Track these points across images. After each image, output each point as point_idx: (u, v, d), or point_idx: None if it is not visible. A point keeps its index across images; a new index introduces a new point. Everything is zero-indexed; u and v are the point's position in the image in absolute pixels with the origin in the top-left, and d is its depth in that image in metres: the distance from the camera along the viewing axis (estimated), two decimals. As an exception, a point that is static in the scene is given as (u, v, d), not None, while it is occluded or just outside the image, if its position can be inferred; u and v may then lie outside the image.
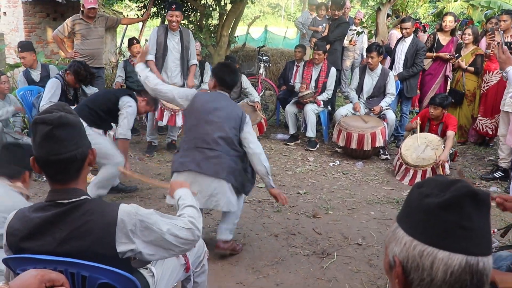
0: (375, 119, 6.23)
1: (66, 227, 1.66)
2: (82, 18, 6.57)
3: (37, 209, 1.71)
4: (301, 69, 6.94)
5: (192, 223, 1.89)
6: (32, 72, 6.04)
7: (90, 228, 1.66)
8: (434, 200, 1.02)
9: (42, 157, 1.67)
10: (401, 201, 4.83)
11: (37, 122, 1.66)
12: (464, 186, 1.02)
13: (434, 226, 1.01)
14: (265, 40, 15.09)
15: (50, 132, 1.63)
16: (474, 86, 6.74)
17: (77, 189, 1.73)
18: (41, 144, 1.65)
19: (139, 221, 1.73)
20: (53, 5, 9.42)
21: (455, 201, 1.00)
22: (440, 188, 1.05)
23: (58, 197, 1.70)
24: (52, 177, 1.72)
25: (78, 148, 1.69)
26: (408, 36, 6.72)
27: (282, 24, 38.68)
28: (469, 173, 5.76)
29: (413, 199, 1.08)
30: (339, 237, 4.04)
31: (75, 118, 1.73)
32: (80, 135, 1.73)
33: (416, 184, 1.12)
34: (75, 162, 1.69)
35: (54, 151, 1.65)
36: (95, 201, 1.75)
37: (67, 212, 1.67)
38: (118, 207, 1.72)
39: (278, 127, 7.79)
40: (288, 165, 5.93)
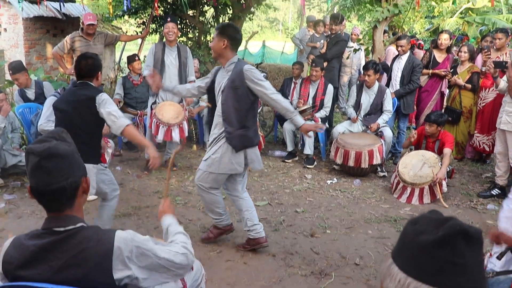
0: (372, 137, 6.27)
1: (63, 255, 1.67)
2: (81, 35, 6.63)
3: (33, 237, 1.72)
4: (298, 86, 6.99)
5: (186, 248, 1.94)
6: (26, 91, 6.07)
7: (86, 256, 1.67)
8: (427, 238, 1.04)
9: (33, 187, 1.69)
10: (398, 220, 4.85)
11: (28, 152, 1.69)
12: (456, 224, 1.04)
13: (427, 263, 1.03)
14: (263, 55, 15.21)
15: (38, 164, 1.65)
16: (470, 103, 6.79)
17: (73, 216, 1.74)
18: (32, 174, 1.68)
19: (135, 247, 1.75)
20: (53, 21, 9.49)
21: (447, 239, 1.02)
22: (433, 225, 1.07)
23: (54, 224, 1.71)
24: (45, 206, 1.74)
25: (68, 179, 1.70)
26: (404, 53, 6.78)
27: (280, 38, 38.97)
28: (466, 190, 5.78)
29: (408, 235, 1.10)
30: (336, 256, 4.04)
31: (66, 148, 1.73)
32: (71, 166, 1.73)
33: (411, 220, 1.14)
34: (65, 193, 1.70)
35: (43, 182, 1.67)
36: (91, 228, 1.76)
37: (63, 240, 1.68)
38: (114, 234, 1.74)
39: (276, 143, 7.82)
40: (286, 183, 5.94)
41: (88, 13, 6.79)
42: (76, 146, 2.01)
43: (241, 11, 7.86)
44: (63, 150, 1.71)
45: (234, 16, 8.45)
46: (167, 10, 9.05)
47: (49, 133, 1.79)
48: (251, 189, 5.67)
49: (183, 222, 4.61)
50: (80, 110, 3.51)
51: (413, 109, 7.08)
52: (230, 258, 3.94)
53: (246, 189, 5.50)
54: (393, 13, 7.27)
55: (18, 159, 5.71)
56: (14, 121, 6.03)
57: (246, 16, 8.76)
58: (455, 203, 5.40)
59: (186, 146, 7.27)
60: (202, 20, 9.31)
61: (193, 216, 4.81)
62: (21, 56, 9.11)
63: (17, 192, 5.35)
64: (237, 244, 4.16)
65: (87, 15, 6.64)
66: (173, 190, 5.53)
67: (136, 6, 9.27)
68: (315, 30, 8.42)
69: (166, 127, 5.90)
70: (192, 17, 8.98)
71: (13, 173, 5.77)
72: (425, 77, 7.04)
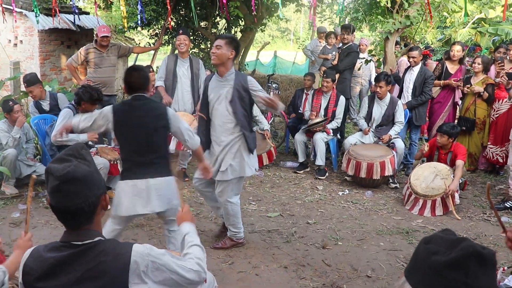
0: (384, 148, 6.26)
1: (81, 268, 1.70)
2: (95, 47, 6.72)
3: (52, 249, 1.75)
4: (310, 97, 7.02)
5: (199, 265, 1.95)
6: (42, 102, 6.15)
7: (104, 269, 1.70)
8: (440, 258, 1.05)
9: (52, 205, 1.73)
10: (411, 232, 4.83)
11: (48, 172, 1.72)
12: (469, 245, 1.05)
13: (440, 284, 1.04)
14: (275, 66, 15.26)
15: (57, 187, 1.69)
16: (484, 114, 6.76)
17: (91, 230, 1.77)
18: (51, 195, 1.72)
19: (151, 262, 1.77)
20: (67, 33, 9.64)
21: (461, 260, 1.03)
22: (447, 246, 1.08)
23: (72, 238, 1.74)
24: (64, 222, 1.77)
25: (86, 200, 1.72)
26: (416, 65, 6.77)
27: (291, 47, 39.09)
28: (479, 202, 5.74)
29: (421, 255, 1.11)
30: (348, 269, 4.04)
31: (86, 169, 1.75)
32: (90, 187, 1.74)
33: (424, 239, 1.16)
34: (83, 213, 1.73)
35: (62, 203, 1.71)
36: (109, 242, 1.79)
37: (81, 253, 1.71)
38: (131, 248, 1.76)
39: (288, 154, 7.83)
40: (298, 194, 5.95)
41: (102, 25, 6.89)
42: (155, 161, 2.07)
43: (253, 22, 7.92)
44: (82, 172, 1.72)
45: (246, 28, 8.52)
46: (179, 22, 9.15)
47: (68, 150, 1.80)
48: (263, 200, 5.69)
49: (195, 233, 4.63)
50: (155, 125, 3.43)
51: (425, 120, 7.07)
52: (242, 269, 3.96)
53: (258, 200, 5.55)
54: (405, 25, 7.28)
55: (33, 169, 5.80)
56: (28, 132, 6.13)
57: (258, 27, 8.83)
58: (468, 215, 5.37)
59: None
60: (214, 31, 9.39)
61: (205, 227, 4.84)
62: (36, 68, 9.25)
63: (32, 201, 5.40)
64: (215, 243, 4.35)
65: (101, 27, 6.74)
66: (185, 201, 5.56)
67: (149, 18, 9.39)
68: (326, 42, 8.45)
69: None
70: (204, 28, 9.07)
71: (27, 183, 5.82)
72: (437, 88, 7.03)
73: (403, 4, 7.68)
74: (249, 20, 8.09)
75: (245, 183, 6.28)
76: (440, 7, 7.30)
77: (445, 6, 7.15)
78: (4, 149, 5.53)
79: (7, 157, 5.40)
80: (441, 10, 7.64)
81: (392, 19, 7.48)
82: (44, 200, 5.43)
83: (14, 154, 5.45)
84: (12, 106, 5.63)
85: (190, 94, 6.14)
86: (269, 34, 40.81)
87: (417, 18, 7.24)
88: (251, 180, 6.43)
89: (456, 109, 7.31)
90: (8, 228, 4.70)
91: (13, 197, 5.51)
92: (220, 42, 3.89)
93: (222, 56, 3.88)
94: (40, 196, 5.56)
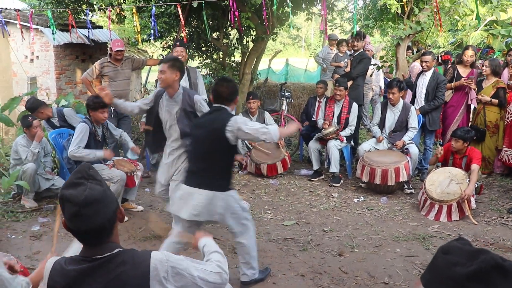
0: (398, 154, 6.26)
1: (102, 279, 1.75)
2: (110, 61, 6.83)
3: (72, 262, 1.80)
4: (323, 105, 7.05)
5: (220, 267, 1.98)
6: (52, 120, 6.29)
7: (124, 278, 1.75)
8: (462, 270, 1.07)
9: (72, 229, 1.77)
10: (427, 237, 4.82)
11: (64, 200, 1.74)
12: (491, 258, 1.08)
13: None
14: (287, 74, 15.28)
15: (78, 212, 1.71)
16: (496, 118, 6.74)
17: (110, 243, 1.82)
18: (71, 220, 1.74)
19: (170, 267, 1.81)
20: (81, 47, 9.80)
21: (482, 273, 1.06)
22: (467, 257, 1.10)
23: (93, 253, 1.79)
24: (84, 242, 1.81)
25: (106, 217, 1.77)
26: (429, 69, 6.77)
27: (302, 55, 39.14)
28: (496, 206, 5.71)
29: (440, 265, 1.13)
30: (365, 276, 4.05)
31: (99, 189, 1.78)
32: (107, 204, 1.78)
33: (441, 249, 1.17)
34: (105, 230, 1.78)
35: (84, 226, 1.74)
36: (127, 252, 1.83)
37: (101, 265, 1.76)
38: (149, 255, 1.81)
39: (302, 162, 7.86)
40: (313, 202, 5.98)
41: (116, 40, 6.99)
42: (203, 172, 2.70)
43: (264, 32, 7.99)
44: (98, 193, 1.76)
45: (257, 38, 8.58)
46: (191, 33, 9.25)
47: (77, 173, 1.81)
48: (278, 208, 5.72)
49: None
50: (211, 137, 3.49)
51: (439, 125, 7.04)
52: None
53: (274, 208, 5.58)
54: (416, 31, 7.30)
55: (51, 182, 5.91)
56: (46, 146, 6.24)
57: (270, 37, 8.90)
58: (484, 219, 5.34)
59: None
60: (226, 42, 9.47)
61: (222, 237, 4.88)
62: (52, 82, 9.42)
63: (51, 215, 5.50)
64: None
65: (115, 41, 6.85)
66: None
67: (161, 30, 9.51)
68: (338, 50, 8.48)
69: None
70: (216, 39, 9.15)
71: (46, 196, 5.96)
72: (449, 92, 7.01)
73: (414, 9, 7.71)
74: (260, 30, 8.15)
75: (260, 192, 6.33)
76: (450, 11, 7.30)
77: (455, 10, 7.15)
78: (23, 163, 5.65)
79: (27, 171, 5.52)
80: (452, 14, 7.64)
81: (403, 25, 7.51)
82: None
83: (33, 168, 5.57)
84: (31, 122, 5.76)
85: None
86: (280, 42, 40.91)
87: (427, 24, 7.25)
88: (266, 189, 6.47)
89: (470, 112, 7.29)
90: (29, 241, 4.79)
91: (33, 210, 5.61)
92: (163, 67, 4.19)
93: (167, 80, 4.21)
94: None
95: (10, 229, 5.09)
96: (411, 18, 7.67)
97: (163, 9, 9.04)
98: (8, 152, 6.96)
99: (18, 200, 5.84)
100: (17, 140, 5.89)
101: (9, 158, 6.51)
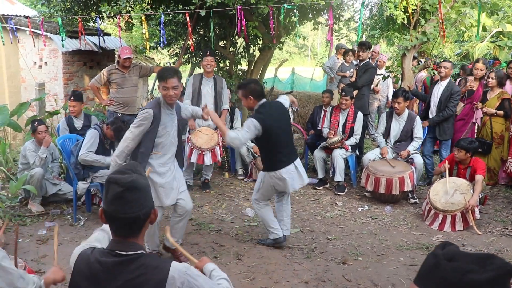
0: (403, 164, 6.29)
1: (121, 277, 1.81)
2: (117, 68, 6.92)
3: (98, 254, 1.88)
4: (328, 114, 7.09)
5: None
6: (75, 120, 6.33)
7: (142, 281, 1.81)
8: (478, 277, 1.09)
9: (110, 213, 1.85)
10: (430, 247, 4.83)
11: (110, 182, 1.85)
12: (505, 263, 1.11)
13: None
14: (293, 82, 15.36)
15: (121, 193, 1.82)
16: (501, 129, 6.74)
17: (136, 243, 1.89)
18: (112, 202, 1.84)
19: (187, 280, 1.86)
20: (89, 54, 9.91)
21: (500, 278, 1.09)
22: (478, 264, 1.12)
23: (118, 248, 1.86)
24: (116, 231, 1.89)
25: (143, 209, 1.87)
26: (446, 77, 6.71)
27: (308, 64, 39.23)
28: (500, 217, 5.72)
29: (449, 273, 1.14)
30: (368, 284, 4.07)
31: (144, 181, 1.91)
32: (146, 197, 1.90)
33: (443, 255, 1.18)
34: (138, 221, 1.87)
35: (122, 210, 1.83)
36: (150, 256, 1.89)
37: (123, 263, 1.83)
38: (170, 264, 1.86)
39: (307, 171, 7.86)
40: (317, 210, 6.00)
41: (125, 47, 7.08)
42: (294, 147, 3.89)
43: (271, 41, 8.05)
44: (142, 183, 1.89)
45: (264, 46, 8.65)
46: (198, 41, 9.33)
47: (126, 165, 1.97)
48: (283, 216, 5.74)
49: (217, 250, 4.72)
50: (287, 117, 4.69)
51: (451, 135, 6.91)
52: (263, 285, 4.02)
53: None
54: (422, 41, 7.34)
55: (58, 187, 5.97)
56: (54, 152, 6.31)
57: (276, 46, 8.96)
58: (488, 230, 5.35)
59: (218, 173, 7.47)
60: (233, 50, 9.55)
61: (227, 243, 4.91)
62: (60, 88, 9.52)
63: (57, 219, 5.56)
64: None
65: (124, 49, 6.93)
66: (206, 218, 5.66)
67: (169, 38, 9.60)
68: (344, 60, 8.54)
69: (199, 151, 6.21)
70: (223, 47, 9.22)
71: (53, 201, 6.02)
72: (461, 105, 6.96)
73: (420, 20, 7.76)
74: (267, 39, 8.21)
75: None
76: (456, 22, 7.34)
77: (462, 21, 7.19)
78: (31, 168, 5.71)
79: (34, 176, 5.58)
80: (458, 25, 7.68)
81: (409, 35, 7.55)
82: (69, 218, 5.57)
83: (41, 173, 5.63)
84: (36, 127, 5.83)
85: (213, 110, 6.32)
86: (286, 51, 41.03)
87: (433, 34, 7.29)
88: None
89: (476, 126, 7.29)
90: (35, 245, 4.84)
91: (39, 215, 5.66)
92: (175, 82, 3.90)
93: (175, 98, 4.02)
94: (65, 214, 5.70)
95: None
96: (417, 29, 7.71)
97: (171, 17, 9.14)
98: (16, 157, 7.05)
99: (25, 205, 5.90)
100: (26, 144, 5.96)
101: (17, 163, 6.59)
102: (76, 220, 5.48)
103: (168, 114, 4.06)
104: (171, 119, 4.10)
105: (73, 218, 5.54)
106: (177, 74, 3.92)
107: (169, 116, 4.08)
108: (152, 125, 3.93)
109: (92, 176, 5.46)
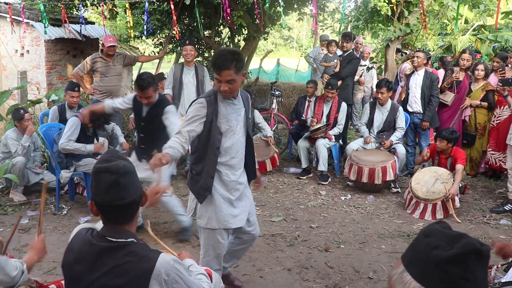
0: (385, 153, 6.36)
1: (109, 263, 1.81)
2: (101, 57, 6.86)
3: (92, 236, 1.88)
4: (312, 105, 7.13)
5: (210, 286, 2.18)
6: (68, 111, 6.21)
7: (128, 268, 1.81)
8: (442, 253, 1.14)
9: (106, 202, 1.82)
10: (412, 235, 4.91)
11: (101, 171, 1.82)
12: (470, 242, 1.14)
13: (441, 277, 1.14)
14: (278, 73, 15.36)
15: (116, 180, 1.80)
16: (484, 120, 6.82)
17: (127, 231, 1.89)
18: (107, 191, 1.81)
19: (174, 273, 1.87)
20: (73, 42, 9.78)
21: (461, 257, 1.12)
22: (447, 241, 1.16)
23: (109, 234, 1.86)
24: (110, 219, 1.88)
25: (137, 192, 1.88)
26: (419, 67, 6.77)
27: (294, 55, 39.26)
28: (479, 206, 5.83)
29: (421, 248, 1.19)
30: (350, 271, 4.13)
31: (131, 165, 1.91)
32: (138, 180, 1.92)
33: (423, 231, 1.23)
34: (134, 205, 1.88)
35: (120, 197, 1.81)
36: (140, 245, 1.89)
37: (112, 249, 1.83)
38: (158, 255, 1.86)
39: (291, 160, 7.93)
40: (301, 199, 6.05)
41: (109, 35, 7.03)
42: None
43: (256, 31, 8.06)
44: (131, 167, 1.89)
45: (249, 36, 8.66)
46: (183, 31, 9.30)
47: (108, 153, 1.94)
48: (267, 205, 5.79)
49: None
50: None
51: (438, 123, 6.98)
52: (246, 272, 4.06)
53: (262, 205, 5.64)
54: (405, 32, 7.40)
55: (40, 177, 5.93)
56: (37, 140, 6.26)
57: (261, 36, 8.96)
58: (468, 218, 5.45)
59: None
60: (218, 40, 9.53)
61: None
62: (42, 77, 9.41)
63: (39, 208, 5.51)
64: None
65: (108, 37, 6.88)
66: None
67: (154, 27, 9.54)
68: (328, 50, 8.58)
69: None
70: (208, 37, 9.20)
71: (35, 190, 5.98)
72: (452, 96, 6.97)
73: (404, 12, 7.82)
74: (252, 29, 8.22)
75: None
76: (439, 15, 7.42)
77: (444, 14, 7.27)
78: (13, 157, 5.66)
79: (16, 164, 5.53)
80: (441, 18, 7.76)
81: (393, 27, 7.62)
82: (52, 207, 5.54)
83: (23, 162, 5.58)
84: (23, 115, 5.77)
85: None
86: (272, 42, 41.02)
87: (417, 26, 7.36)
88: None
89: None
90: (18, 234, 4.80)
91: (21, 204, 5.62)
92: (231, 74, 2.93)
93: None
94: (48, 203, 5.66)
95: (-1, 221, 5.11)
96: (401, 21, 7.79)
97: (156, 6, 9.08)
98: (-3, 146, 6.96)
99: (6, 194, 5.86)
100: (7, 133, 5.90)
101: (-2, 151, 6.52)
102: (59, 209, 5.46)
103: (228, 105, 3.16)
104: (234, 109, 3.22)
105: (56, 207, 5.51)
106: (234, 62, 2.94)
107: (231, 106, 3.18)
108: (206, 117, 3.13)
109: (75, 164, 5.40)
